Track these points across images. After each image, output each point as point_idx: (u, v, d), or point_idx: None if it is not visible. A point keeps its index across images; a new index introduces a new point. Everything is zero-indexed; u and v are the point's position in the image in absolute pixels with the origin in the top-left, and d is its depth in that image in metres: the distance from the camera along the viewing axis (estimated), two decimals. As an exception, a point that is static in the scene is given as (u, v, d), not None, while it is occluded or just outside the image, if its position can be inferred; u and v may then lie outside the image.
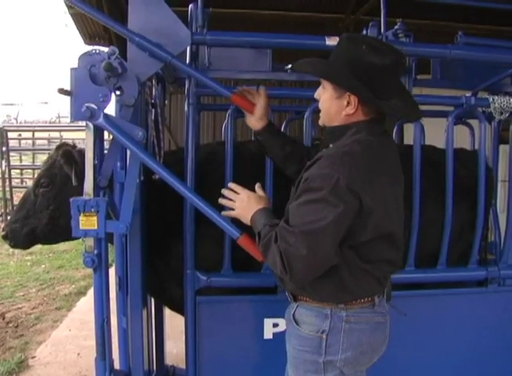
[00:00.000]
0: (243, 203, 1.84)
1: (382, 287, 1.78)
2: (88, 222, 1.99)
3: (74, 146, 2.87)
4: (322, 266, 1.61)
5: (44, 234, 2.79)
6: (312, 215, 1.55)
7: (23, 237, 2.79)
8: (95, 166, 2.05)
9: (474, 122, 2.81)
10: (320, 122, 1.81)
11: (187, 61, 2.39)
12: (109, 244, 2.27)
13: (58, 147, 2.88)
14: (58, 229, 2.73)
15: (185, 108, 2.40)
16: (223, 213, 1.98)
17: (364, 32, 2.30)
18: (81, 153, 2.63)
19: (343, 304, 1.70)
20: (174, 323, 3.17)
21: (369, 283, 1.71)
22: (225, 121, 2.48)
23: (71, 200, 2.00)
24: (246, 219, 1.82)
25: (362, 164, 1.59)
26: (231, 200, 1.89)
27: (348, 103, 1.67)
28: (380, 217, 1.61)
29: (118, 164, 2.28)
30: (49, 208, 2.74)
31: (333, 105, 1.71)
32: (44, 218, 2.75)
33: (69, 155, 2.69)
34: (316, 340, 1.71)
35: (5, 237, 2.84)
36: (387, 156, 1.72)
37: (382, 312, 1.78)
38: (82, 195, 2.04)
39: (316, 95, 1.79)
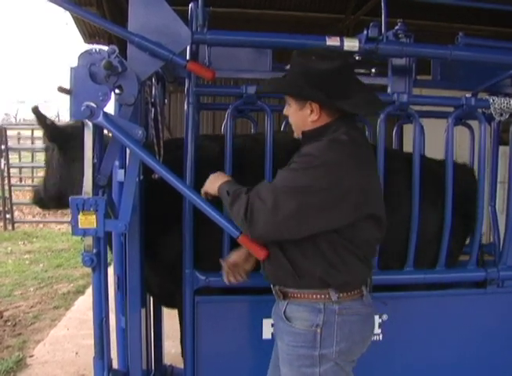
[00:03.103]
0: (211, 178, 2.00)
1: (369, 269, 1.89)
2: (86, 221, 1.99)
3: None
4: (281, 229, 1.70)
5: (53, 197, 3.05)
6: (291, 181, 1.70)
7: (45, 197, 3.11)
8: (94, 165, 2.05)
9: (473, 123, 2.81)
10: (295, 135, 1.94)
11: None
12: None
13: None
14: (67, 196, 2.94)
15: (185, 107, 2.40)
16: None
17: (365, 32, 2.29)
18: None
19: (336, 297, 1.77)
20: (173, 323, 3.17)
21: (355, 265, 1.80)
22: (225, 120, 2.48)
23: (70, 199, 2.00)
24: (213, 189, 1.94)
25: (349, 151, 1.73)
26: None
27: (311, 110, 1.80)
28: (360, 199, 1.71)
29: (117, 162, 2.27)
30: (57, 172, 3.00)
31: (299, 116, 1.86)
32: (52, 180, 3.03)
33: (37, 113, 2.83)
34: (310, 334, 1.76)
35: (32, 199, 3.24)
36: (361, 150, 1.81)
37: (369, 303, 1.88)
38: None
39: (285, 112, 1.93)
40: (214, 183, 1.95)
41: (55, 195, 3.02)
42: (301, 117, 1.84)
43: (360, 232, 1.77)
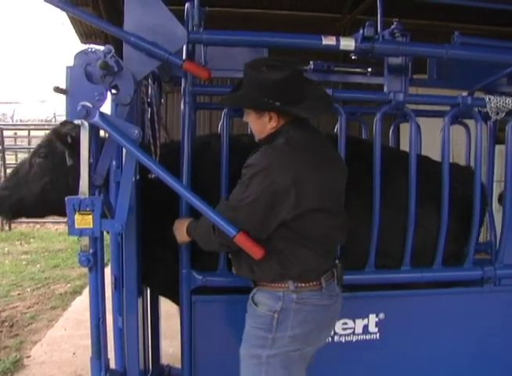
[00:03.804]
0: (177, 228, 2.20)
1: (325, 261, 1.99)
2: (83, 221, 1.98)
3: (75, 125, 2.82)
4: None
5: (31, 206, 2.72)
6: (238, 194, 1.88)
7: (9, 205, 2.73)
8: (90, 165, 2.04)
9: (470, 122, 2.82)
10: (256, 139, 2.08)
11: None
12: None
13: (62, 123, 2.80)
14: (47, 203, 2.68)
15: (182, 107, 2.40)
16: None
17: (361, 31, 2.29)
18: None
19: (293, 287, 1.92)
20: (170, 323, 3.17)
21: (308, 256, 1.93)
22: (221, 119, 2.48)
23: (66, 199, 1.99)
24: (184, 235, 2.15)
25: (282, 154, 1.86)
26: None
27: (270, 118, 1.95)
28: (302, 196, 1.84)
29: (114, 162, 2.27)
30: (43, 179, 2.67)
31: (258, 124, 2.00)
32: (35, 189, 2.68)
33: (61, 137, 2.61)
34: (269, 318, 1.93)
35: None
36: (313, 147, 1.96)
37: (330, 294, 1.99)
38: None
39: (244, 119, 2.08)
40: (181, 230, 2.15)
41: (37, 201, 2.71)
42: (261, 124, 1.99)
43: (308, 225, 1.90)
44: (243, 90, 1.99)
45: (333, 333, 2.51)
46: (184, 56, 2.32)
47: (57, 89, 1.95)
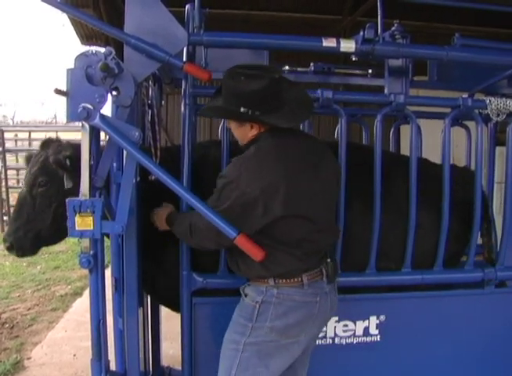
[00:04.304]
0: (157, 216, 2.30)
1: (305, 263, 2.03)
2: (83, 223, 1.99)
3: (59, 141, 2.77)
4: (216, 241, 2.01)
5: (50, 235, 2.67)
6: (213, 202, 1.96)
7: (29, 244, 2.67)
8: (91, 167, 2.04)
9: (470, 124, 2.82)
10: (240, 143, 2.12)
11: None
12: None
13: (43, 144, 2.74)
14: (63, 227, 2.62)
15: (182, 109, 2.40)
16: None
17: (361, 33, 2.29)
18: (71, 145, 2.62)
19: (273, 283, 2.00)
20: (171, 324, 3.17)
21: (287, 261, 1.99)
22: (221, 122, 2.48)
23: (67, 200, 1.99)
24: (163, 224, 2.25)
25: (251, 164, 1.93)
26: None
27: (251, 126, 2.01)
28: (273, 204, 1.89)
29: (114, 164, 2.27)
30: (52, 206, 2.62)
31: (240, 131, 2.06)
32: (48, 218, 2.62)
33: (62, 164, 2.54)
34: (251, 307, 2.03)
35: (10, 249, 2.71)
36: (289, 152, 1.98)
37: (315, 292, 2.04)
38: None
39: (227, 126, 2.18)
40: (161, 219, 2.26)
41: (55, 228, 2.63)
42: (243, 131, 2.05)
43: (284, 231, 1.96)
44: (221, 100, 2.03)
45: (333, 335, 2.52)
46: (184, 58, 2.32)
47: (58, 91, 1.96)
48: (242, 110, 1.93)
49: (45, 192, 2.64)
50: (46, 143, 2.76)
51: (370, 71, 3.07)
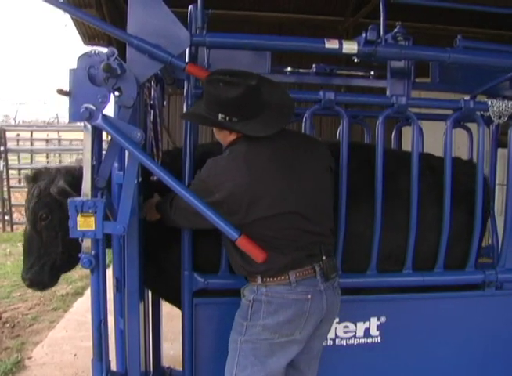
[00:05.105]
0: (147, 207, 2.38)
1: (292, 258, 2.03)
2: (85, 223, 1.99)
3: (47, 169, 2.74)
4: (185, 221, 2.20)
5: (64, 262, 2.64)
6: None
7: (48, 276, 2.64)
8: (92, 167, 2.05)
9: (472, 126, 2.82)
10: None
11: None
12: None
13: (34, 178, 2.69)
14: (75, 252, 2.38)
15: (184, 109, 2.40)
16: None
17: (363, 35, 2.29)
18: (62, 171, 2.60)
19: (261, 281, 2.05)
20: (172, 325, 3.17)
21: (271, 257, 1.97)
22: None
23: (69, 200, 1.99)
24: (154, 212, 2.33)
25: (220, 167, 2.00)
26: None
27: (230, 132, 2.05)
28: (240, 205, 1.95)
29: (116, 165, 2.27)
30: (59, 235, 2.59)
31: (220, 135, 2.12)
32: (58, 248, 2.60)
33: (67, 194, 2.42)
34: (246, 306, 2.09)
35: (30, 285, 2.69)
36: (261, 155, 2.01)
37: (304, 290, 2.04)
38: None
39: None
40: (151, 205, 2.34)
41: (68, 255, 2.60)
42: (223, 135, 2.10)
43: (262, 230, 2.00)
44: (201, 106, 2.06)
45: (334, 336, 2.52)
46: (187, 59, 2.33)
47: (60, 91, 1.97)
48: (220, 116, 1.98)
49: (48, 224, 2.61)
50: (35, 176, 2.70)
51: (372, 73, 3.07)
